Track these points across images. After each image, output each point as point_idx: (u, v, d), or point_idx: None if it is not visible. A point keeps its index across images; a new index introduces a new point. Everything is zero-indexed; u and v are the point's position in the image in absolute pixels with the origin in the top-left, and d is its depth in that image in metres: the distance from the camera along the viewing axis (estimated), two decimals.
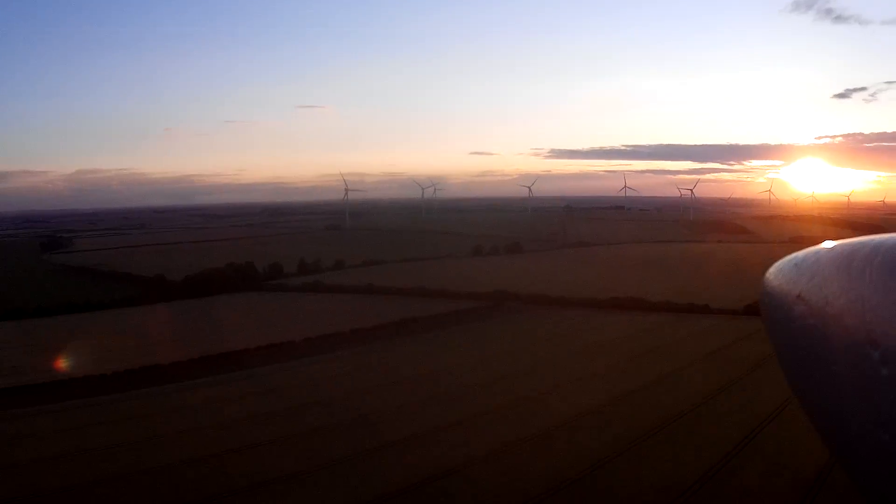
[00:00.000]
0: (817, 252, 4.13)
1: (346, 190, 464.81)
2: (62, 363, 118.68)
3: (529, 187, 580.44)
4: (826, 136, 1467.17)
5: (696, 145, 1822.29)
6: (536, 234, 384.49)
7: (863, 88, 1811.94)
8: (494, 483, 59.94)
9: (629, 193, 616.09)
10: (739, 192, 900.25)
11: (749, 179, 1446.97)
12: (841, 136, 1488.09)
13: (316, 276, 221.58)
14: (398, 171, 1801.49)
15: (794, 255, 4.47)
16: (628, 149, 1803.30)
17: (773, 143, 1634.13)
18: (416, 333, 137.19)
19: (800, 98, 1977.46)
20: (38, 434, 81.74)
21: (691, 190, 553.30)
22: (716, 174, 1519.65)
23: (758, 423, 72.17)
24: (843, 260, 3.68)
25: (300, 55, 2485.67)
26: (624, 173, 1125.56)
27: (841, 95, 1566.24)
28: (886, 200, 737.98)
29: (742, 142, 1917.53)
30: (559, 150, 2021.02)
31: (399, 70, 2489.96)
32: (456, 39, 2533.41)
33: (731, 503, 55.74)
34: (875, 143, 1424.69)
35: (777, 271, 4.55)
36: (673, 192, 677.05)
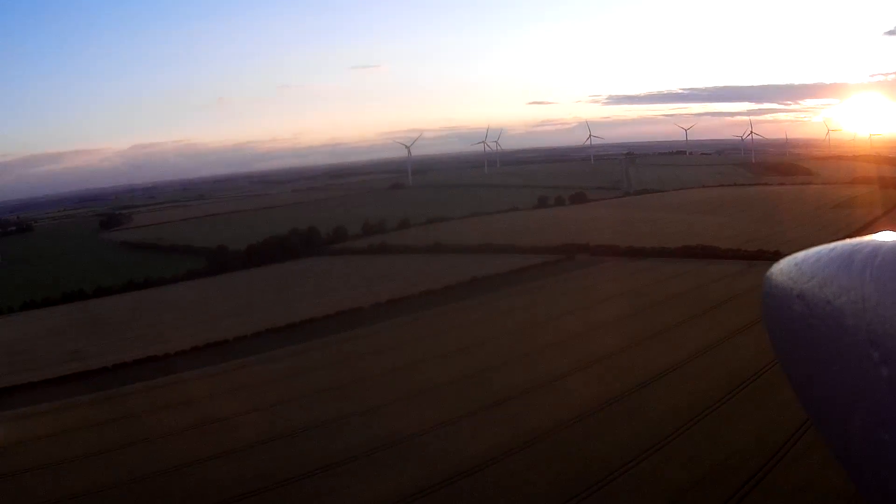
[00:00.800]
0: (818, 252, 4.19)
1: (408, 148, 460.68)
2: None
3: (589, 137, 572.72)
4: (880, 74, 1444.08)
5: (752, 86, 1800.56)
6: (600, 182, 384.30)
7: None
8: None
9: (692, 136, 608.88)
10: (796, 132, 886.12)
11: (806, 119, 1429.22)
12: (894, 73, 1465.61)
13: (382, 237, 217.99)
14: (456, 124, 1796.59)
15: (794, 254, 4.50)
16: (685, 92, 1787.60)
17: (827, 81, 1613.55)
18: (488, 291, 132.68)
19: (853, 35, 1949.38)
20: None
21: (752, 133, 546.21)
22: (772, 115, 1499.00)
23: None
24: (844, 260, 3.76)
25: (351, 16, 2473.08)
26: (683, 118, 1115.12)
27: (893, 32, 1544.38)
28: None
29: (797, 81, 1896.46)
30: (617, 96, 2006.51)
31: (451, 24, 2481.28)
32: None
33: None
34: None
35: (777, 271, 4.61)
36: (732, 134, 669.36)
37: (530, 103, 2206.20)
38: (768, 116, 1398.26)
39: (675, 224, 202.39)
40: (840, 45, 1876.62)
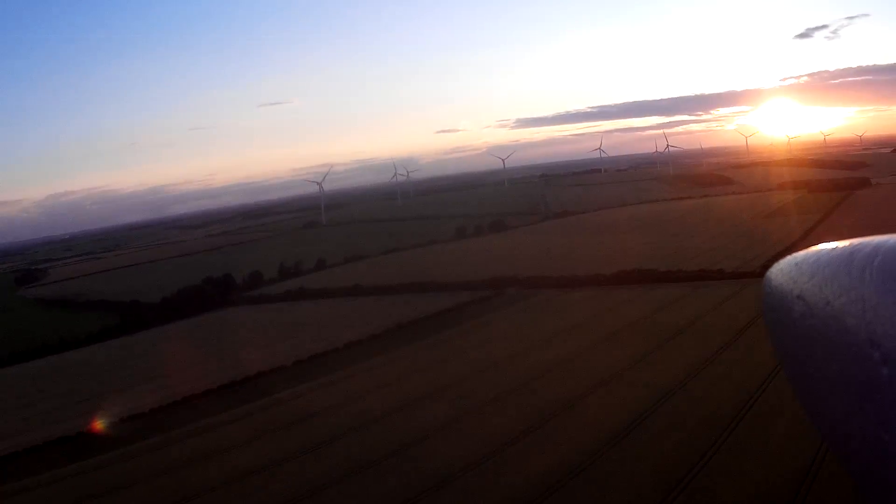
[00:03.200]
0: (818, 252, 4.20)
1: (319, 184, 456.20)
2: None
3: (503, 159, 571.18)
4: (791, 77, 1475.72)
5: (662, 99, 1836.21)
6: (517, 207, 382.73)
7: (824, 26, 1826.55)
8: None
9: (602, 155, 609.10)
10: (712, 142, 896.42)
11: (718, 128, 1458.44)
12: (806, 75, 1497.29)
13: (299, 280, 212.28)
14: (367, 156, 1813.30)
15: (794, 254, 4.51)
16: (594, 110, 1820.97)
17: (739, 88, 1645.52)
18: (415, 339, 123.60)
19: (762, 41, 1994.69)
20: None
21: (668, 146, 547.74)
22: (685, 126, 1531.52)
23: None
24: (844, 260, 3.77)
25: (257, 55, 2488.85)
26: (593, 136, 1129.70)
27: (803, 35, 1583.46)
28: (863, 136, 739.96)
29: (708, 91, 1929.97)
30: (525, 118, 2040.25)
31: (357, 58, 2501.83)
32: (409, 22, 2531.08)
33: None
34: (840, 80, 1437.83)
35: (777, 271, 4.62)
36: (645, 148, 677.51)
37: (439, 132, 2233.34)
38: (680, 128, 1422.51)
39: (604, 247, 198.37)
40: (749, 51, 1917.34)
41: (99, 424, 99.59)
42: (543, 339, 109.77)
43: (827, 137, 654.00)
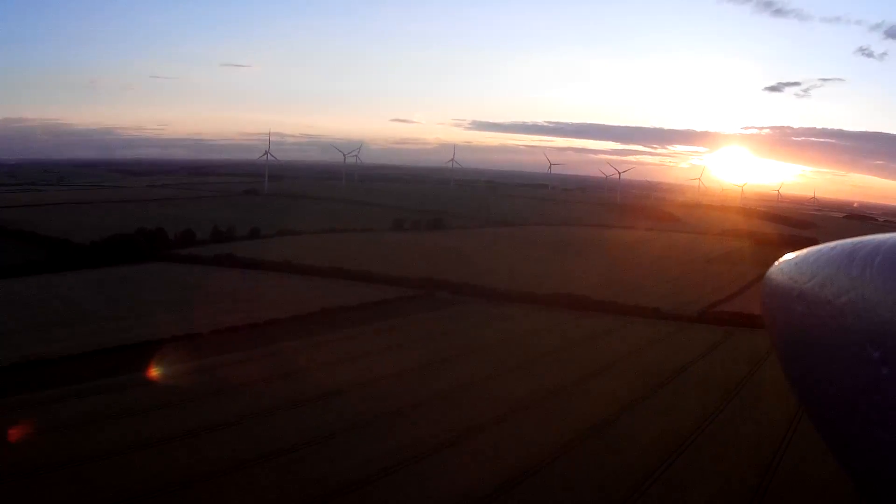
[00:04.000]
0: (818, 251, 4.25)
1: (267, 153, 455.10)
2: None
3: (453, 159, 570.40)
4: (753, 127, 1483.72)
5: (619, 126, 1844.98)
6: (459, 208, 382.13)
7: (796, 83, 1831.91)
8: None
9: (554, 171, 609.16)
10: (663, 177, 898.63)
11: (672, 164, 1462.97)
12: (769, 128, 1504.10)
13: (230, 245, 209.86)
14: (318, 133, 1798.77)
15: (794, 253, 4.59)
16: (551, 125, 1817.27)
17: (698, 129, 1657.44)
18: (339, 327, 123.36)
19: (730, 87, 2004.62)
20: None
21: (619, 173, 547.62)
22: (638, 156, 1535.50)
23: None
24: (844, 259, 3.79)
25: (225, 14, 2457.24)
26: (546, 150, 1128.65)
27: (773, 88, 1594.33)
28: (816, 196, 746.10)
29: (667, 126, 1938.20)
30: (481, 122, 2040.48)
31: (323, 31, 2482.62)
32: (382, 5, 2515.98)
33: None
34: (803, 138, 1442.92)
35: (778, 270, 4.66)
36: (595, 172, 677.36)
37: (393, 120, 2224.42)
38: (633, 157, 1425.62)
39: (541, 264, 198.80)
40: (716, 95, 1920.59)
41: None
42: (455, 353, 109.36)
43: (780, 191, 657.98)
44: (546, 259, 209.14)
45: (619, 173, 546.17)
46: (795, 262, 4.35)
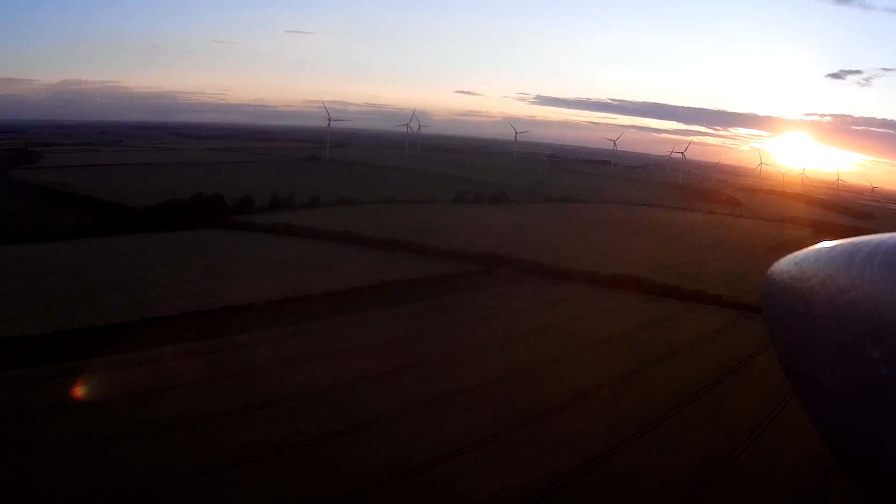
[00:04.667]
0: (818, 251, 4.29)
1: (329, 120, 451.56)
2: None
3: (516, 132, 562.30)
4: (815, 114, 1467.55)
5: (683, 106, 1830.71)
6: (521, 181, 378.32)
7: (858, 72, 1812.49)
8: None
9: (617, 148, 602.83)
10: (725, 158, 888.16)
11: (733, 146, 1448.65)
12: (830, 115, 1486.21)
13: (289, 214, 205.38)
14: (382, 102, 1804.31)
15: (795, 253, 4.63)
16: (615, 102, 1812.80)
17: (761, 113, 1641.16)
18: (394, 303, 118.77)
19: (793, 73, 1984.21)
20: None
21: (683, 153, 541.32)
22: (700, 137, 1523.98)
23: None
24: (844, 259, 3.80)
25: None
26: (610, 127, 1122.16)
27: (835, 76, 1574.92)
28: (875, 186, 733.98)
29: (730, 108, 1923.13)
30: (545, 97, 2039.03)
31: (389, 3, 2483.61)
32: None
33: None
34: (863, 127, 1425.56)
35: (778, 270, 4.72)
36: (657, 151, 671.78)
37: (457, 91, 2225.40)
38: (696, 138, 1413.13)
39: (603, 244, 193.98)
40: (779, 79, 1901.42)
41: None
42: (521, 334, 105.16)
43: (839, 179, 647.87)
44: (607, 239, 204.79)
45: (683, 153, 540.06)
46: (796, 262, 4.39)
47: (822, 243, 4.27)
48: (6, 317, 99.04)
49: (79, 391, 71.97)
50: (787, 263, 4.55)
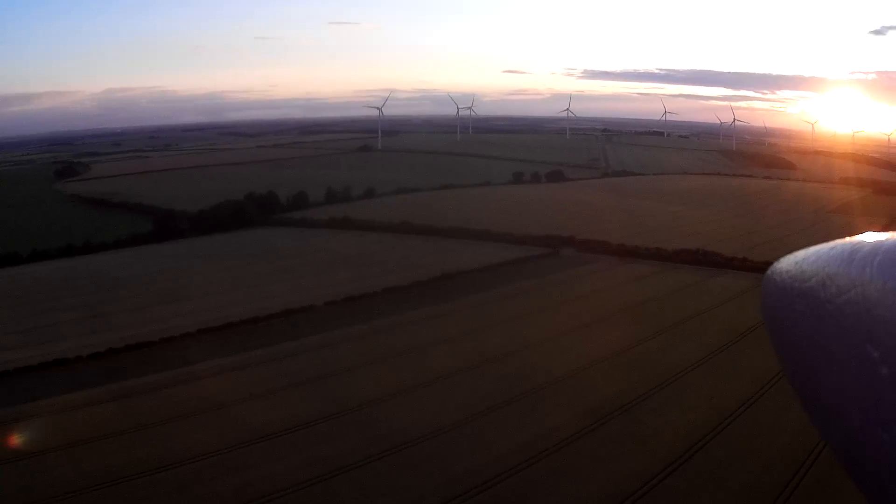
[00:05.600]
0: (818, 251, 4.23)
1: (380, 109, 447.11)
2: None
3: (568, 109, 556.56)
4: (860, 72, 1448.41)
5: (729, 72, 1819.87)
6: (576, 158, 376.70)
7: None
8: None
9: (668, 118, 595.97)
10: (773, 122, 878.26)
11: (781, 109, 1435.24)
12: (875, 72, 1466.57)
13: (345, 207, 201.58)
14: (431, 87, 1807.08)
15: (794, 253, 4.52)
16: (662, 72, 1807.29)
17: (806, 74, 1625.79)
18: (459, 294, 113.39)
19: (836, 30, 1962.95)
20: None
21: (734, 119, 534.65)
22: (748, 102, 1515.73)
23: None
24: (844, 258, 3.79)
25: None
26: (659, 98, 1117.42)
27: (877, 32, 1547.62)
28: None
29: (775, 71, 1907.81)
30: (592, 70, 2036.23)
31: None
32: None
33: None
34: None
35: (778, 269, 4.61)
36: (707, 118, 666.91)
37: (505, 71, 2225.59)
38: (744, 103, 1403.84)
39: (666, 217, 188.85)
40: (822, 39, 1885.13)
41: None
42: (595, 318, 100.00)
43: (891, 138, 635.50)
44: (670, 211, 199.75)
45: (734, 119, 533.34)
46: (796, 262, 4.31)
47: (821, 243, 4.18)
48: (57, 335, 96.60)
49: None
50: (787, 263, 4.41)
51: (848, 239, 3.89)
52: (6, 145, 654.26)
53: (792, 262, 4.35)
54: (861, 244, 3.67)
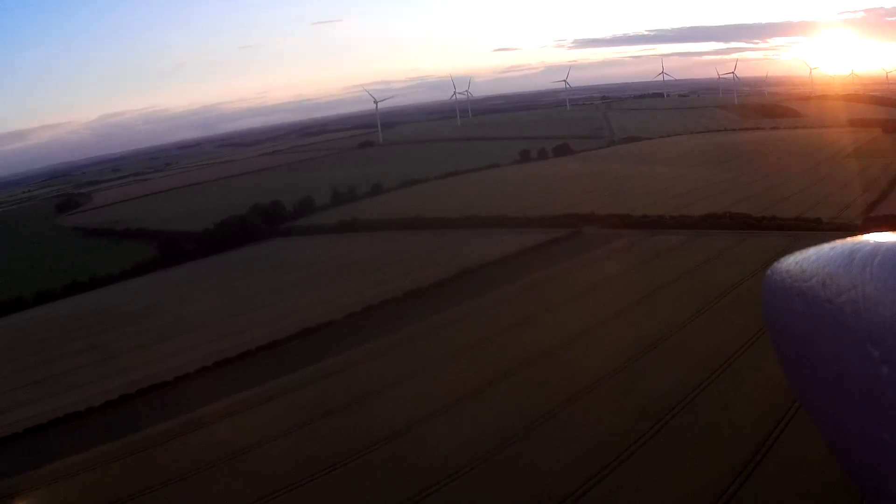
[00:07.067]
0: (818, 250, 4.24)
1: (376, 102, 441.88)
2: None
3: (565, 80, 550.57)
4: (848, 11, 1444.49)
5: (718, 25, 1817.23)
6: (579, 129, 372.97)
7: None
8: None
9: (665, 79, 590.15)
10: (771, 70, 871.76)
11: (775, 57, 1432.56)
12: (863, 10, 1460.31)
13: (353, 207, 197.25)
14: (423, 73, 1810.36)
15: (795, 253, 4.54)
16: (652, 33, 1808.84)
17: (795, 19, 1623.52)
18: (482, 290, 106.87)
19: None
20: None
21: (733, 72, 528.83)
22: (741, 53, 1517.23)
23: None
24: (844, 258, 3.81)
25: None
26: (653, 59, 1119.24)
27: None
28: None
29: (764, 20, 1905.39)
30: (582, 39, 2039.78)
31: None
32: None
33: None
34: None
35: (778, 269, 4.61)
36: (704, 74, 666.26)
37: (496, 50, 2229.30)
38: (737, 55, 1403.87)
39: (682, 182, 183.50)
40: None
41: None
42: (631, 301, 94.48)
43: (889, 74, 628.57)
44: (686, 175, 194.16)
45: (733, 72, 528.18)
46: (796, 262, 4.33)
47: (822, 244, 4.20)
48: (69, 383, 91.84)
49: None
50: (787, 263, 4.43)
51: (848, 239, 3.90)
52: (6, 184, 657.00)
53: (792, 261, 4.36)
54: (861, 244, 3.69)
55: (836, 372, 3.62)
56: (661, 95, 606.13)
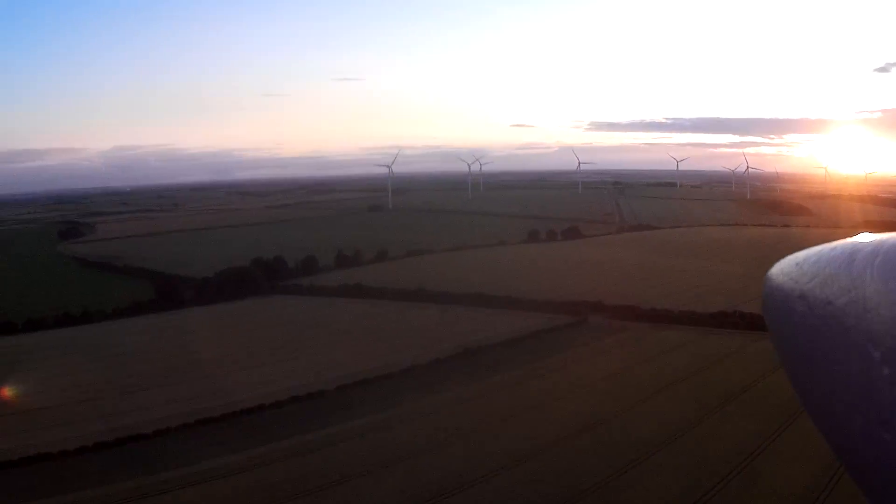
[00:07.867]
0: (819, 251, 4.30)
1: (389, 167, 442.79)
2: None
3: (579, 162, 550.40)
4: (866, 111, 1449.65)
5: (736, 118, 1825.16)
6: (590, 214, 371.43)
7: None
8: None
9: (679, 167, 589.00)
10: (784, 166, 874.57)
11: (789, 154, 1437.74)
12: (880, 111, 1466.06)
13: (356, 271, 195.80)
14: (438, 142, 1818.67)
15: (795, 254, 4.58)
16: (669, 121, 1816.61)
17: (813, 117, 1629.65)
18: (482, 374, 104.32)
19: (840, 70, 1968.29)
20: None
21: (746, 168, 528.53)
22: (757, 147, 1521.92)
23: None
24: (845, 259, 3.85)
25: (336, 28, 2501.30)
26: (668, 147, 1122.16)
27: (882, 69, 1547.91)
28: None
29: (781, 115, 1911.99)
30: (599, 122, 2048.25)
31: (436, 41, 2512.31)
32: (495, 5, 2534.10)
33: None
34: None
35: (779, 271, 4.63)
36: (716, 165, 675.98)
37: (513, 125, 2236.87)
38: (752, 149, 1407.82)
39: (694, 276, 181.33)
40: (827, 80, 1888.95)
41: None
42: (637, 399, 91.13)
43: None
44: (696, 267, 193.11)
45: (748, 167, 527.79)
46: (796, 263, 4.37)
47: (822, 244, 4.29)
48: (45, 422, 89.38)
49: None
50: (787, 264, 4.46)
51: (849, 240, 3.96)
52: (13, 202, 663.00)
53: (793, 262, 4.36)
54: (861, 245, 3.74)
55: (837, 373, 3.62)
56: (673, 185, 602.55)
